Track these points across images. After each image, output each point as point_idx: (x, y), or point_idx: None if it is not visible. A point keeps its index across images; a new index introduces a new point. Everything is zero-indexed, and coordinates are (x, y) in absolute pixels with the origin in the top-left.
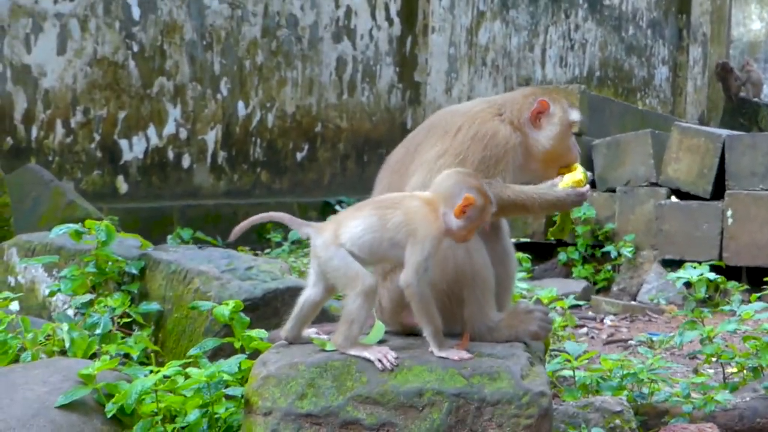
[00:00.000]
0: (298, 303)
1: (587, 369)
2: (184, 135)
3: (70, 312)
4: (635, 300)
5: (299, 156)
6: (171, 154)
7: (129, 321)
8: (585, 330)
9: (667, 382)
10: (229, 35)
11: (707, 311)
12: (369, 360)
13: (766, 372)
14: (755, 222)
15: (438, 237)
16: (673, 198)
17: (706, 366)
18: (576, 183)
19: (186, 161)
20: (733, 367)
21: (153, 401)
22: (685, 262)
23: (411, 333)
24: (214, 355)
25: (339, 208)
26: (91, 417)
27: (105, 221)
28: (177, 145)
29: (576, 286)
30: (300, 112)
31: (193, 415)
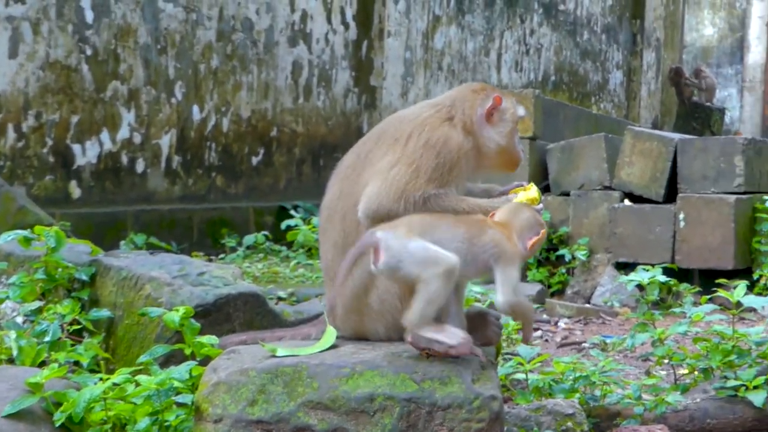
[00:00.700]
0: None
1: (540, 372)
2: (138, 139)
3: (18, 320)
4: (589, 303)
5: (255, 160)
6: (125, 158)
7: (79, 328)
8: (539, 333)
9: (619, 384)
10: (184, 39)
11: (659, 313)
12: (443, 342)
13: (716, 373)
14: (707, 225)
15: (520, 262)
16: (627, 201)
17: (657, 368)
18: (530, 200)
19: (140, 166)
20: (684, 369)
21: (102, 409)
22: (639, 264)
23: (362, 338)
24: (165, 362)
25: (294, 213)
26: (39, 426)
27: (54, 227)
28: (131, 150)
29: (530, 289)
30: (255, 116)
31: (143, 423)
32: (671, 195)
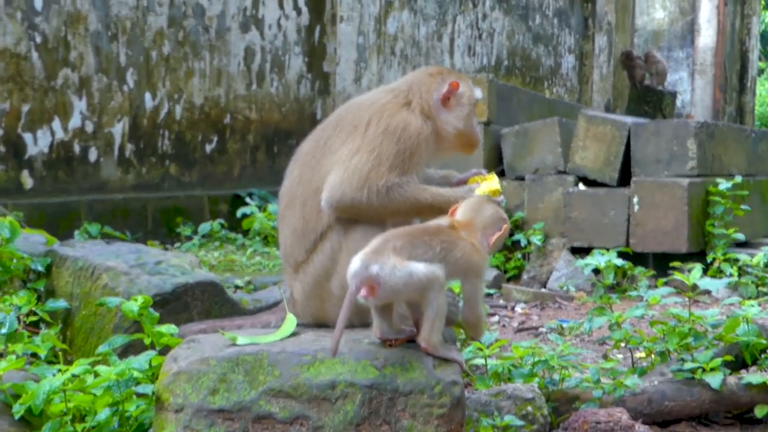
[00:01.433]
0: None
1: (499, 357)
2: (90, 128)
3: None
4: (545, 287)
5: (208, 148)
6: (77, 147)
7: (36, 319)
8: (496, 318)
9: (578, 368)
10: (135, 25)
11: (615, 297)
12: (460, 363)
13: (673, 356)
14: (660, 208)
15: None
16: (581, 186)
17: (615, 351)
18: (492, 192)
19: (93, 155)
20: (641, 352)
21: (62, 401)
22: (594, 249)
23: (322, 325)
24: (124, 352)
25: (249, 200)
26: None
27: (9, 217)
28: (83, 139)
29: (487, 275)
30: (208, 103)
31: (103, 414)
32: (625, 179)
